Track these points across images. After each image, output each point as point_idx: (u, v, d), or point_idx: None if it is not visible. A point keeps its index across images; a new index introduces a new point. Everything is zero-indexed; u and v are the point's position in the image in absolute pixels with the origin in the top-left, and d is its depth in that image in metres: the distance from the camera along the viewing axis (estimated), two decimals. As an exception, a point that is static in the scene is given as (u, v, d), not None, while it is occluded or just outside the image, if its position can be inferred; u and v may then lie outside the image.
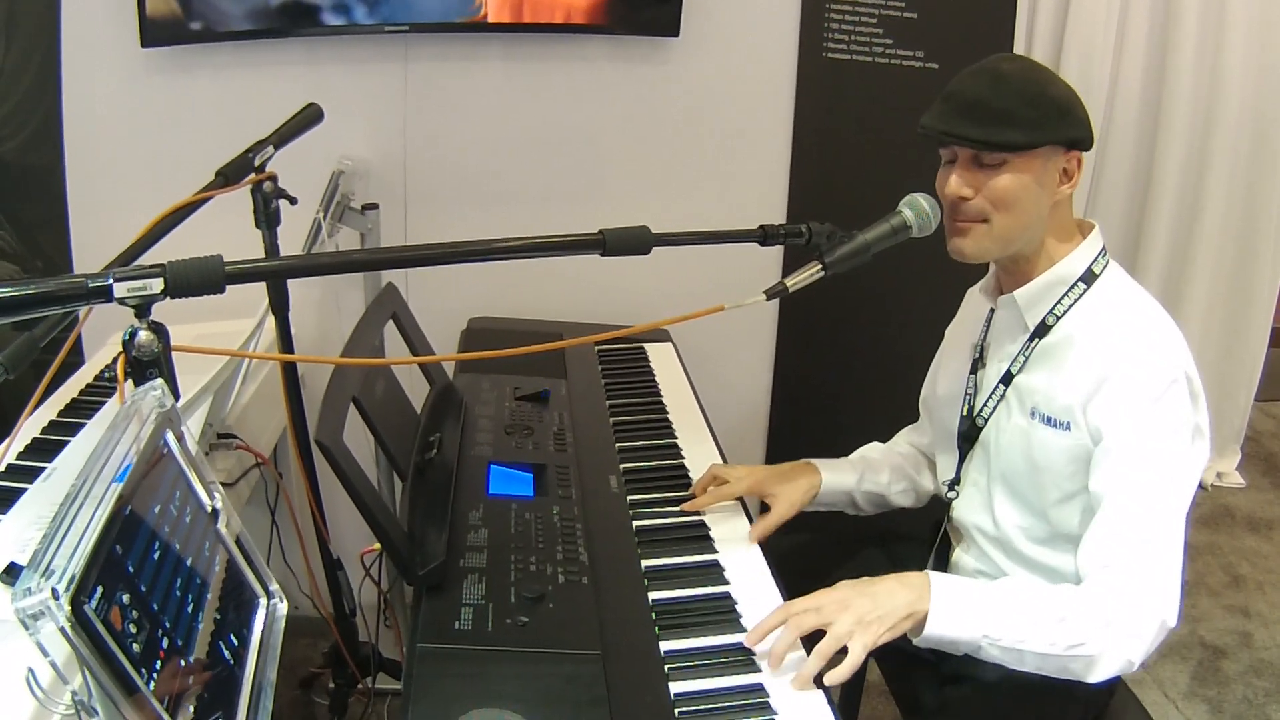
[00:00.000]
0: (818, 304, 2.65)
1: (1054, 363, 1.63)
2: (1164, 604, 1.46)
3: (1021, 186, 1.56)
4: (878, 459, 1.99)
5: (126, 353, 1.17)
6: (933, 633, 1.46)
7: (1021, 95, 1.54)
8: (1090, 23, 3.08)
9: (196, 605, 1.15)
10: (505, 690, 1.32)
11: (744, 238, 1.58)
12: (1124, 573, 1.47)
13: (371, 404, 1.70)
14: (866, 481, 1.94)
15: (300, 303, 2.09)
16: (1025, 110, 1.53)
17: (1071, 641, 1.44)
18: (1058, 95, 1.57)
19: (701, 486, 1.88)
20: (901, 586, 1.49)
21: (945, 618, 1.46)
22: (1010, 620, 1.45)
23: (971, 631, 1.45)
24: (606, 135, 2.83)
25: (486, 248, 1.39)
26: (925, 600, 1.46)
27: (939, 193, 1.63)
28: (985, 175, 1.57)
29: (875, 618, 1.44)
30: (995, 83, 1.56)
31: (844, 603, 1.46)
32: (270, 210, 1.93)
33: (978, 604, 1.47)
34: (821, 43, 2.83)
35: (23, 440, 1.91)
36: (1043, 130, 1.54)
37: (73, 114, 2.56)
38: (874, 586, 1.49)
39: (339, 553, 2.33)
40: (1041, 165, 1.56)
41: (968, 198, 1.58)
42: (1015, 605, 1.48)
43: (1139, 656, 1.46)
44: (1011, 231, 1.59)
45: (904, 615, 1.46)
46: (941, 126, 1.57)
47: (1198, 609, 3.22)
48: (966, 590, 1.50)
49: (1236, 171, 3.45)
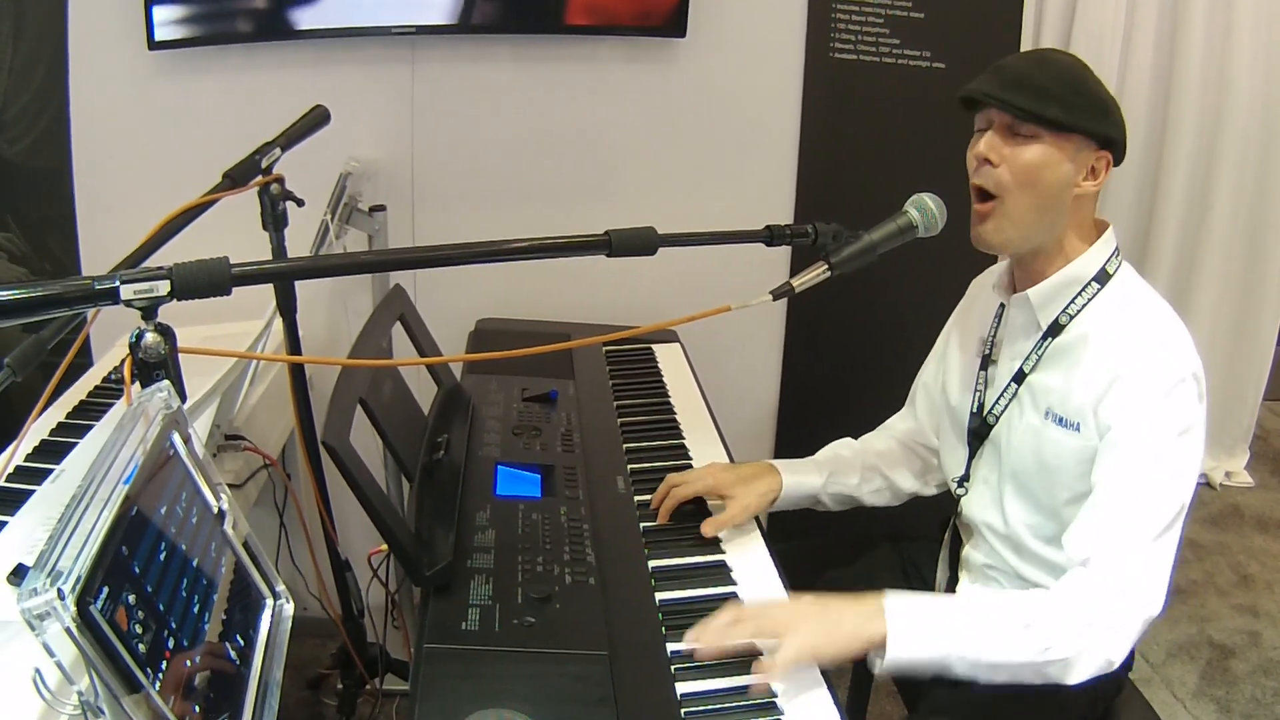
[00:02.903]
0: (825, 304, 2.65)
1: (1068, 362, 1.62)
2: (1148, 599, 1.46)
3: (1046, 165, 1.56)
4: (849, 458, 1.97)
5: (133, 354, 1.17)
6: (896, 656, 1.43)
7: (1066, 80, 1.56)
8: (1097, 23, 3.07)
9: (203, 606, 1.15)
10: (512, 690, 1.33)
11: (750, 238, 1.57)
12: (1106, 569, 1.46)
13: (379, 405, 1.70)
14: (833, 483, 1.92)
15: (308, 304, 2.09)
16: (1068, 94, 1.54)
17: (1042, 646, 1.42)
18: (1101, 94, 1.58)
19: (659, 498, 1.84)
20: (854, 605, 1.46)
21: (906, 640, 1.43)
22: (975, 633, 1.44)
23: (937, 650, 1.44)
24: (613, 136, 2.82)
25: (494, 249, 1.39)
26: (880, 623, 1.44)
27: (968, 155, 1.63)
28: (1015, 145, 1.57)
29: (819, 628, 1.43)
30: (1043, 64, 1.59)
31: (790, 608, 1.47)
32: (277, 212, 1.93)
33: (938, 622, 1.46)
34: (828, 43, 2.83)
35: (31, 442, 1.91)
36: (1081, 116, 1.55)
37: (80, 116, 2.56)
38: (827, 602, 1.47)
39: (347, 554, 2.33)
40: (1072, 151, 1.56)
41: (993, 162, 1.58)
42: (977, 617, 1.46)
43: (1120, 655, 1.45)
44: (1026, 214, 1.58)
45: (850, 634, 1.43)
46: (985, 89, 1.58)
47: (1206, 608, 3.21)
48: (925, 609, 1.48)
49: (1245, 171, 3.44)
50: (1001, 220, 1.60)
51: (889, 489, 1.98)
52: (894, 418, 2.07)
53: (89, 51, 2.52)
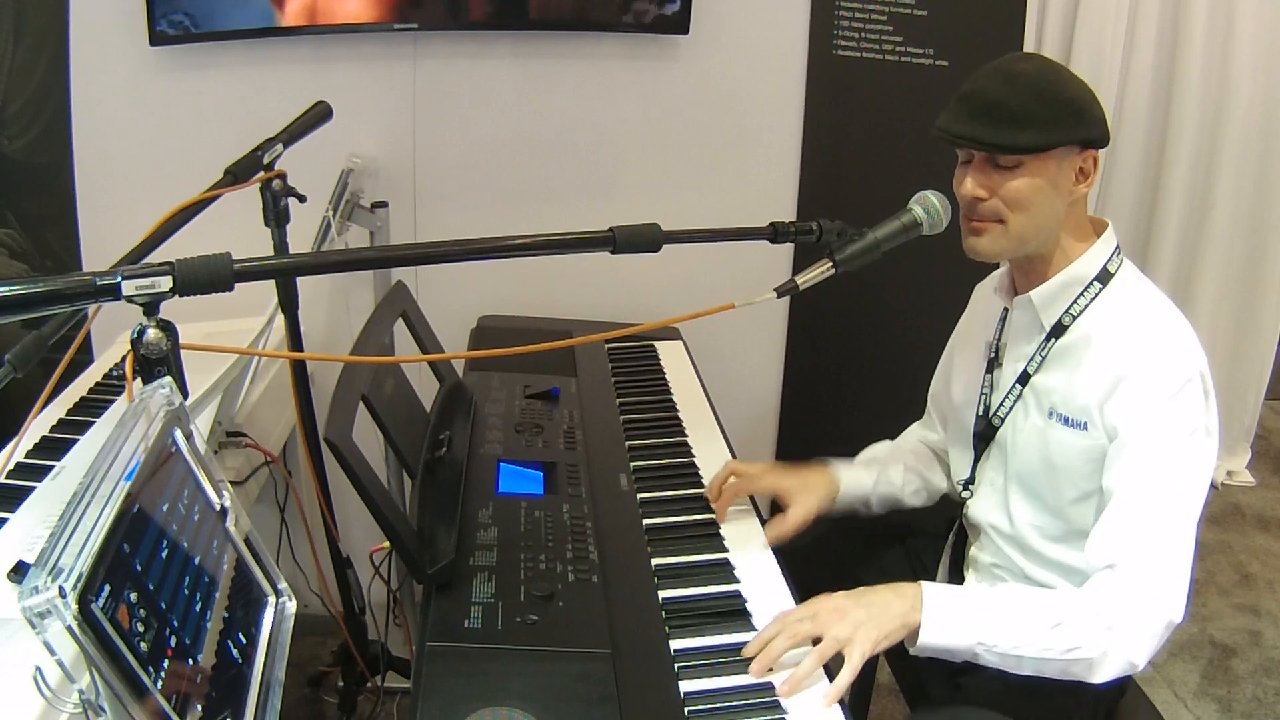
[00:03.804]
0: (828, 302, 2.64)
1: (1071, 362, 1.62)
2: (1170, 603, 1.45)
3: (1036, 188, 1.55)
4: (888, 459, 1.98)
5: (135, 351, 1.17)
6: (927, 642, 1.46)
7: (1036, 96, 1.53)
8: (1100, 20, 3.07)
9: (205, 604, 1.15)
10: (514, 689, 1.32)
11: (754, 235, 1.57)
12: (1129, 573, 1.46)
13: (381, 402, 1.70)
14: (881, 484, 1.93)
15: (309, 301, 2.09)
16: (1040, 111, 1.52)
17: (1069, 646, 1.43)
18: (1073, 95, 1.56)
19: (718, 483, 1.86)
20: (895, 596, 1.48)
21: (938, 627, 1.45)
22: (1005, 627, 1.45)
23: (966, 640, 1.45)
24: (616, 133, 2.82)
25: (496, 245, 1.38)
26: (918, 610, 1.46)
27: (955, 192, 1.62)
28: (1001, 177, 1.56)
29: (872, 627, 1.44)
30: (1010, 83, 1.55)
31: (840, 611, 1.46)
32: (279, 208, 1.92)
33: (971, 612, 1.47)
34: (831, 40, 2.83)
35: (31, 438, 1.91)
36: (1058, 131, 1.53)
37: (81, 112, 2.56)
38: (868, 596, 1.49)
39: (348, 551, 2.33)
40: (1057, 166, 1.55)
41: (983, 198, 1.58)
42: (1010, 612, 1.47)
43: (1143, 658, 1.45)
44: (1027, 231, 1.58)
45: (898, 625, 1.45)
46: (956, 129, 1.56)
47: (1207, 608, 3.21)
48: (960, 599, 1.50)
49: (1246, 169, 3.44)
50: (999, 239, 1.60)
51: (926, 489, 1.98)
52: (914, 426, 2.08)
53: (90, 47, 2.51)
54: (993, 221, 1.59)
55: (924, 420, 2.06)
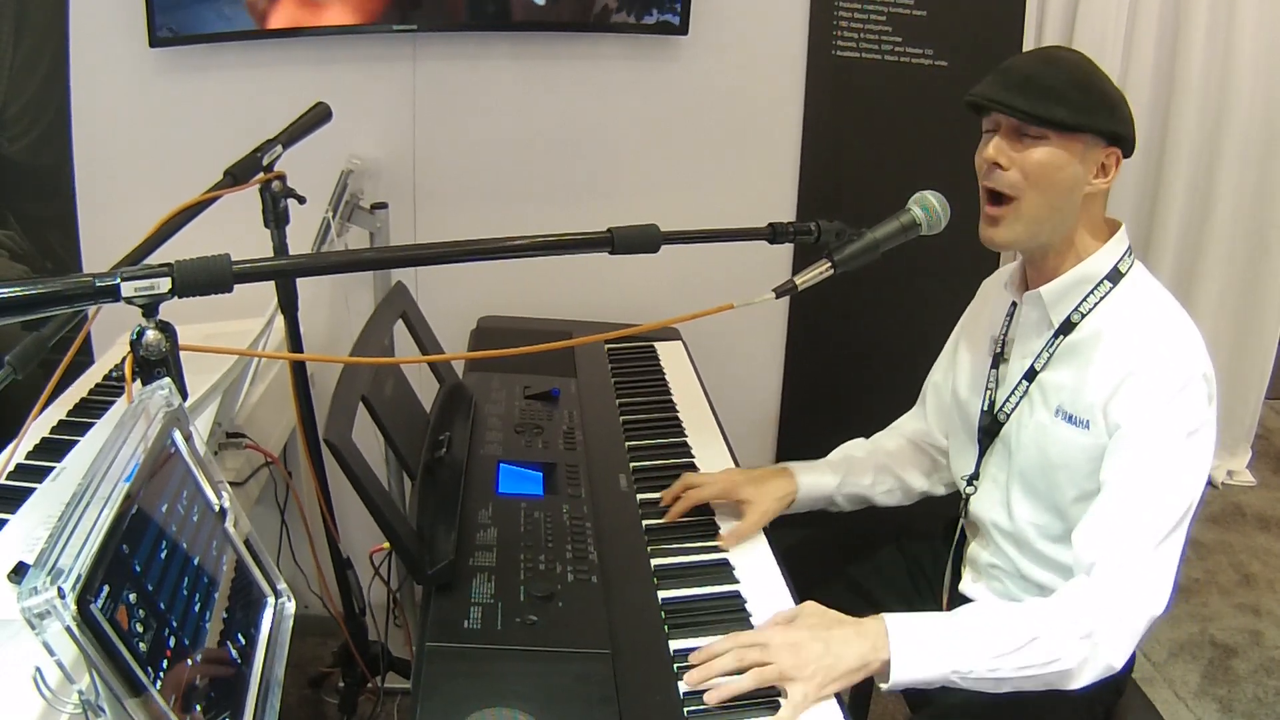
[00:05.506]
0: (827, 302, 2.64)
1: (1079, 360, 1.62)
2: (1152, 601, 1.46)
3: (1057, 165, 1.55)
4: (861, 459, 1.97)
5: (134, 352, 1.17)
6: (900, 679, 1.44)
7: (1073, 79, 1.55)
8: (1100, 20, 3.06)
9: (204, 604, 1.15)
10: (514, 689, 1.32)
11: (753, 236, 1.57)
12: (1108, 574, 1.46)
13: (381, 403, 1.70)
14: (848, 484, 1.92)
15: (309, 302, 2.09)
16: (1075, 94, 1.54)
17: (1048, 659, 1.43)
18: (1108, 90, 1.58)
19: (671, 496, 1.84)
20: (857, 635, 1.46)
21: (909, 662, 1.43)
22: (979, 650, 1.44)
23: (940, 669, 1.44)
24: (615, 134, 2.82)
25: (496, 246, 1.38)
26: (883, 649, 1.44)
27: (976, 161, 1.63)
28: (1024, 147, 1.56)
29: (823, 666, 1.41)
30: (1050, 64, 1.58)
31: (795, 646, 1.43)
32: (279, 209, 1.92)
33: (941, 640, 1.46)
34: (831, 40, 2.83)
35: (31, 440, 1.91)
36: (1089, 116, 1.54)
37: (81, 114, 2.56)
38: (829, 632, 1.46)
39: (348, 552, 2.33)
40: (1082, 151, 1.56)
41: (1003, 167, 1.58)
42: (981, 633, 1.46)
43: (1121, 659, 1.45)
44: (1041, 212, 1.58)
45: (856, 667, 1.43)
46: (990, 94, 1.57)
47: (1208, 608, 3.21)
48: (927, 628, 1.48)
49: (1247, 169, 3.44)
50: (1014, 221, 1.60)
51: (901, 489, 1.98)
52: (904, 417, 2.07)
53: (90, 49, 2.51)
54: (1007, 204, 1.59)
55: (913, 411, 2.05)
